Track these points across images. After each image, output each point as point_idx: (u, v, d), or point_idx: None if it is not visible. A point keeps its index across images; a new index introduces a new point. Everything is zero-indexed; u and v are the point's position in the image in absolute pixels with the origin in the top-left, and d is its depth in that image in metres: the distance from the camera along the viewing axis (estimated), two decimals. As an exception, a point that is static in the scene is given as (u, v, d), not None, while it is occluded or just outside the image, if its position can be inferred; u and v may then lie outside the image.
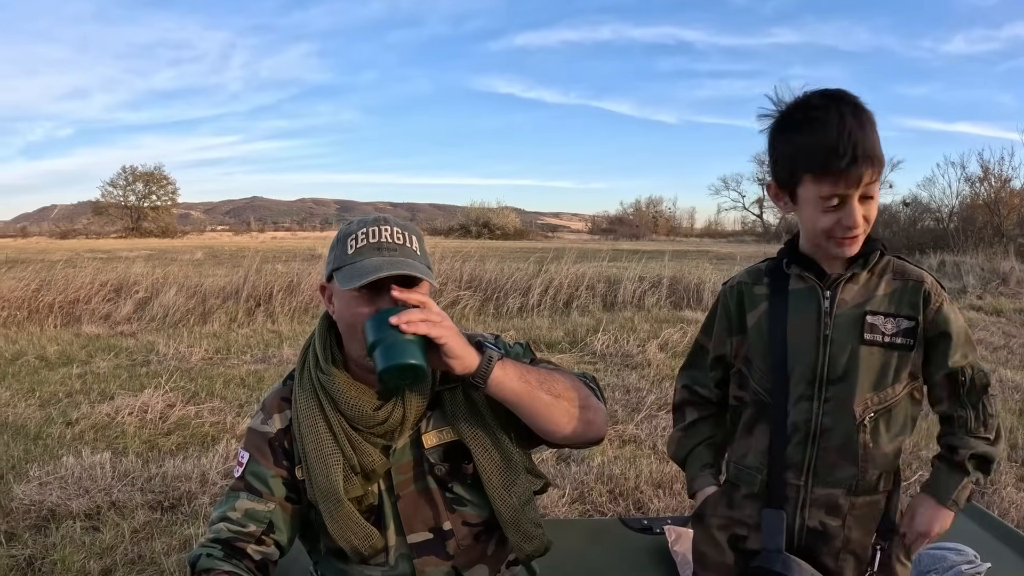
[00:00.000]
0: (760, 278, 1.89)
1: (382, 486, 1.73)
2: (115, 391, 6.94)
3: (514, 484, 1.70)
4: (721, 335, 1.93)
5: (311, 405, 1.68)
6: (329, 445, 1.65)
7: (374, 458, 1.67)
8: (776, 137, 1.77)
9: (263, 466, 1.73)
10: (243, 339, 9.94)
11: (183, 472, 4.68)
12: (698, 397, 2.01)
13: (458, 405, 1.71)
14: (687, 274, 13.54)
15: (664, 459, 4.84)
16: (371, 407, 1.66)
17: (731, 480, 1.92)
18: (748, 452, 1.87)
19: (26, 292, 12.16)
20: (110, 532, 3.90)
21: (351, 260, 1.59)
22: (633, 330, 9.68)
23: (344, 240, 1.64)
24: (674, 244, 41.18)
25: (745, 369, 1.88)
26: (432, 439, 1.72)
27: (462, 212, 69.17)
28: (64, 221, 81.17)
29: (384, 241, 1.61)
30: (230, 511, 1.69)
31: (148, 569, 3.55)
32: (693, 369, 2.05)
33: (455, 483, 1.74)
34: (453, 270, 13.38)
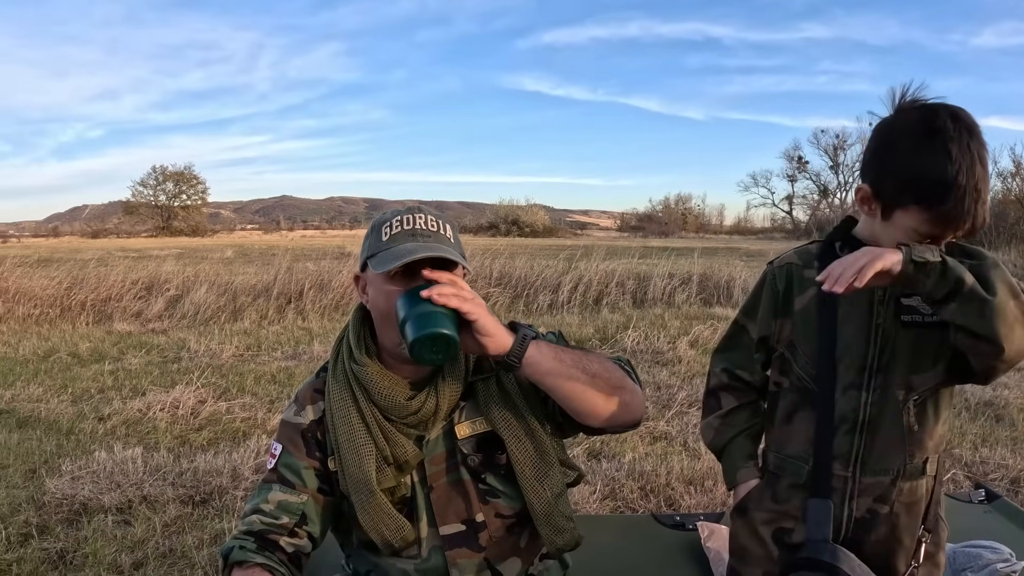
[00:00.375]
0: (811, 261, 1.81)
1: (415, 477, 1.72)
2: (147, 387, 6.98)
3: (547, 476, 1.69)
4: (766, 317, 1.86)
5: (344, 396, 1.68)
6: (362, 435, 1.65)
7: (407, 449, 1.66)
8: (892, 142, 1.64)
9: (296, 457, 1.73)
10: (274, 336, 9.98)
11: (214, 467, 4.70)
12: (738, 382, 1.94)
13: (491, 395, 1.70)
14: (717, 271, 13.48)
15: (695, 456, 4.81)
16: (404, 397, 1.65)
17: (773, 471, 1.87)
18: (789, 441, 1.82)
19: (58, 290, 12.28)
20: (141, 526, 3.91)
21: (385, 246, 1.60)
22: (663, 327, 9.62)
23: (379, 228, 1.64)
24: (703, 241, 40.96)
25: (788, 354, 1.82)
26: (465, 429, 1.71)
27: (491, 210, 69.23)
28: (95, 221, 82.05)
29: (419, 228, 1.61)
30: (263, 503, 1.69)
31: (179, 563, 3.56)
32: (731, 351, 1.97)
33: (488, 474, 1.73)
34: (483, 267, 13.37)
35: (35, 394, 6.85)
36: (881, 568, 1.74)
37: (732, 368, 1.94)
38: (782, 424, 1.84)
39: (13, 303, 11.97)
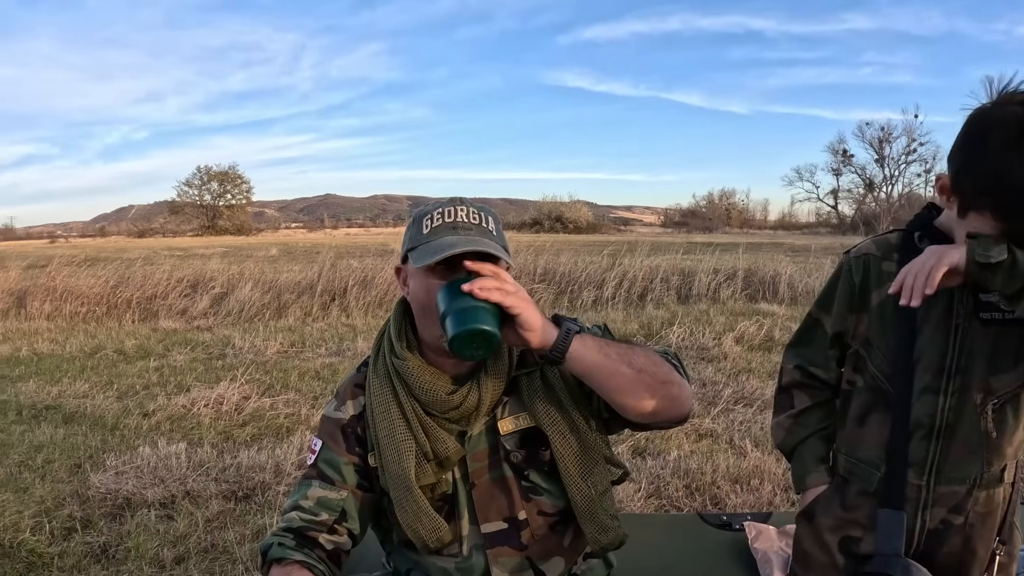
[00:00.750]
0: (890, 252, 1.69)
1: (456, 474, 1.67)
2: (191, 383, 7.02)
3: (591, 473, 1.63)
4: (842, 311, 1.76)
5: (385, 391, 1.64)
6: (402, 431, 1.60)
7: (448, 445, 1.61)
8: (981, 137, 1.49)
9: (336, 453, 1.69)
10: (318, 333, 10.01)
11: (257, 463, 4.70)
12: (812, 379, 1.84)
13: (535, 390, 1.63)
14: (762, 266, 13.32)
15: (741, 454, 4.74)
16: (445, 391, 1.60)
17: (842, 475, 1.78)
18: (861, 444, 1.73)
19: (105, 289, 12.44)
20: (184, 521, 3.92)
21: (426, 239, 1.55)
22: (708, 323, 9.53)
23: (419, 221, 1.59)
24: (748, 237, 40.72)
25: (863, 351, 1.72)
26: (508, 425, 1.65)
27: (534, 206, 69.25)
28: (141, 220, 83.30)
29: (460, 221, 1.55)
30: (302, 500, 1.65)
31: (221, 558, 3.55)
32: (805, 347, 1.87)
33: (531, 471, 1.67)
34: (527, 263, 13.36)
35: (81, 390, 6.92)
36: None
37: (806, 365, 1.85)
38: (854, 425, 1.75)
39: (61, 301, 12.16)
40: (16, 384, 7.24)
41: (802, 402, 1.86)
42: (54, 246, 40.87)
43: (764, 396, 5.99)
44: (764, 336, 8.63)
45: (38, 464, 4.89)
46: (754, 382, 6.48)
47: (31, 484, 4.52)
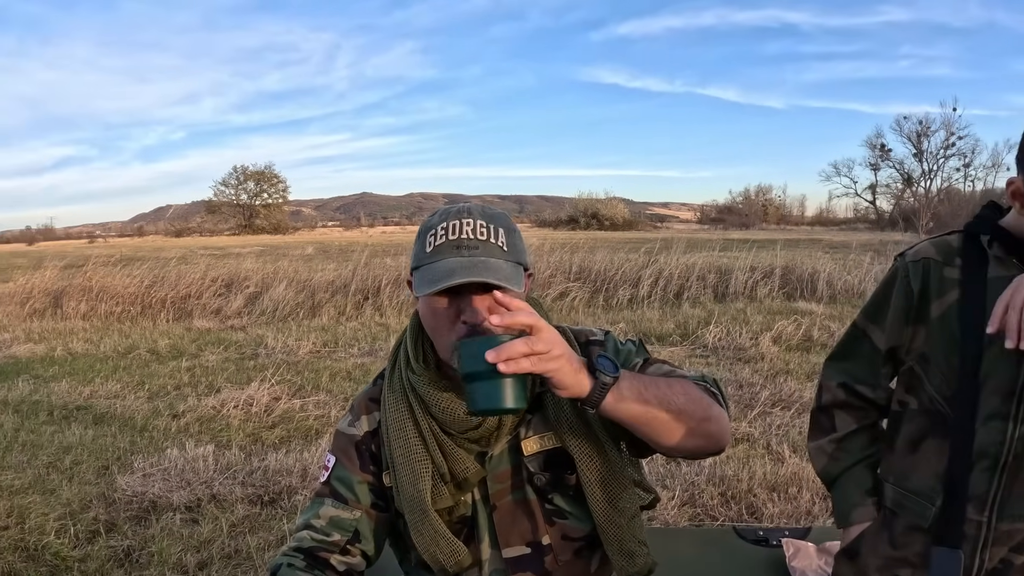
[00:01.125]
0: (951, 257, 1.52)
1: (476, 495, 1.56)
2: (222, 384, 7.02)
3: (619, 498, 1.51)
4: (897, 323, 1.58)
5: (400, 407, 1.54)
6: (418, 451, 1.51)
7: (468, 465, 1.52)
8: None
9: (349, 471, 1.60)
10: (351, 332, 9.98)
11: (285, 466, 4.66)
12: (858, 399, 1.66)
13: (562, 409, 1.51)
14: (800, 264, 13.11)
15: (779, 460, 4.61)
16: (464, 410, 1.47)
17: (890, 507, 1.61)
18: (912, 473, 1.56)
19: (140, 288, 12.50)
20: (208, 525, 3.88)
21: (428, 260, 1.42)
22: (746, 322, 9.38)
23: (424, 235, 1.46)
24: (785, 233, 40.23)
25: (919, 368, 1.56)
26: (532, 445, 1.53)
27: (570, 203, 69.02)
28: (179, 220, 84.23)
29: (464, 238, 1.42)
30: (313, 518, 1.57)
31: (243, 564, 3.51)
32: (850, 361, 1.68)
33: (556, 494, 1.56)
34: (562, 261, 13.26)
35: (113, 390, 6.94)
36: None
37: (851, 382, 1.66)
38: (905, 452, 1.58)
39: (96, 301, 12.26)
40: (49, 384, 7.27)
41: (846, 424, 1.68)
42: (92, 246, 41.32)
43: (803, 399, 5.85)
44: (802, 336, 8.48)
45: (66, 466, 4.88)
46: (792, 384, 6.34)
47: (58, 486, 4.51)
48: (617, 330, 9.05)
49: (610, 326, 9.45)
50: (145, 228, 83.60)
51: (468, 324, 1.39)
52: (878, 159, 66.58)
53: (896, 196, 65.55)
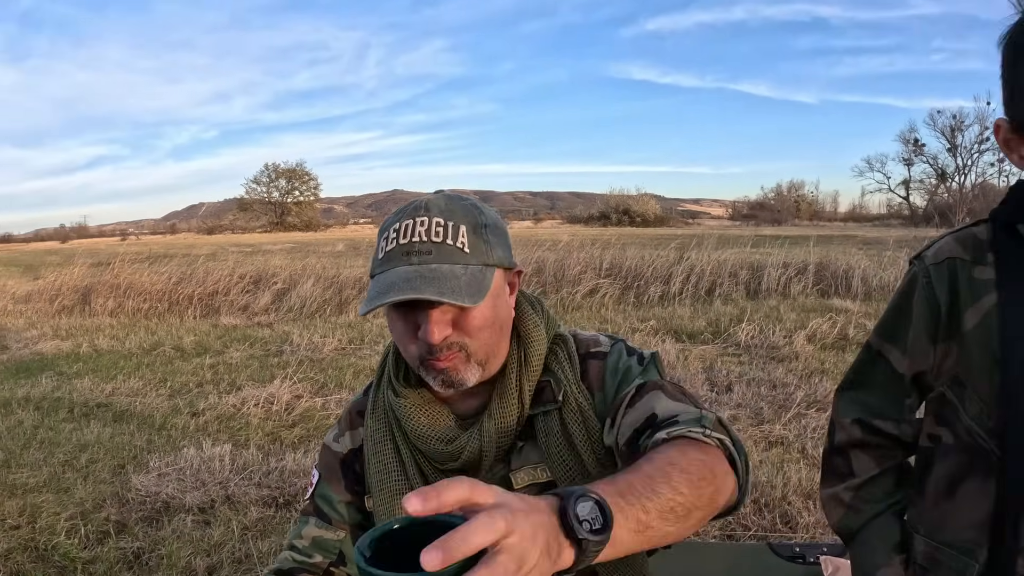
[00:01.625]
0: (982, 254, 1.22)
1: None
2: (244, 382, 6.95)
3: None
4: (921, 342, 1.28)
5: (381, 429, 1.39)
6: (396, 481, 1.36)
7: None
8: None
9: (332, 489, 1.46)
10: (377, 329, 9.88)
11: (302, 467, 4.56)
12: (878, 436, 1.36)
13: (552, 438, 1.32)
14: (834, 260, 12.87)
15: (814, 465, 4.40)
16: (441, 439, 1.32)
17: (921, 564, 1.32)
18: (948, 523, 1.27)
19: (167, 285, 12.50)
20: (220, 528, 3.78)
21: (379, 268, 1.25)
22: (779, 320, 9.20)
23: (380, 238, 1.30)
24: (818, 229, 39.82)
25: (952, 395, 1.25)
26: (523, 478, 1.34)
27: (602, 200, 68.88)
28: (211, 218, 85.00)
29: (416, 242, 1.23)
30: (296, 539, 1.44)
31: (253, 569, 3.40)
32: (866, 390, 1.38)
33: None
34: (592, 258, 13.10)
35: (134, 388, 6.89)
36: None
37: (868, 416, 1.36)
38: (939, 497, 1.29)
39: (124, 298, 12.30)
40: (72, 381, 7.24)
41: (865, 468, 1.38)
42: (124, 243, 41.67)
43: (838, 398, 5.65)
44: (838, 334, 8.27)
45: (82, 464, 4.82)
46: (828, 384, 6.13)
47: (72, 484, 4.44)
48: (647, 327, 8.91)
49: (640, 323, 9.31)
50: (178, 226, 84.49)
51: (425, 343, 1.22)
52: (911, 154, 65.98)
53: (930, 192, 64.90)
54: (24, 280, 16.84)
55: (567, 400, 1.32)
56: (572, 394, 1.32)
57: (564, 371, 1.34)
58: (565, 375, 1.34)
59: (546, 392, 1.34)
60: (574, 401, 1.32)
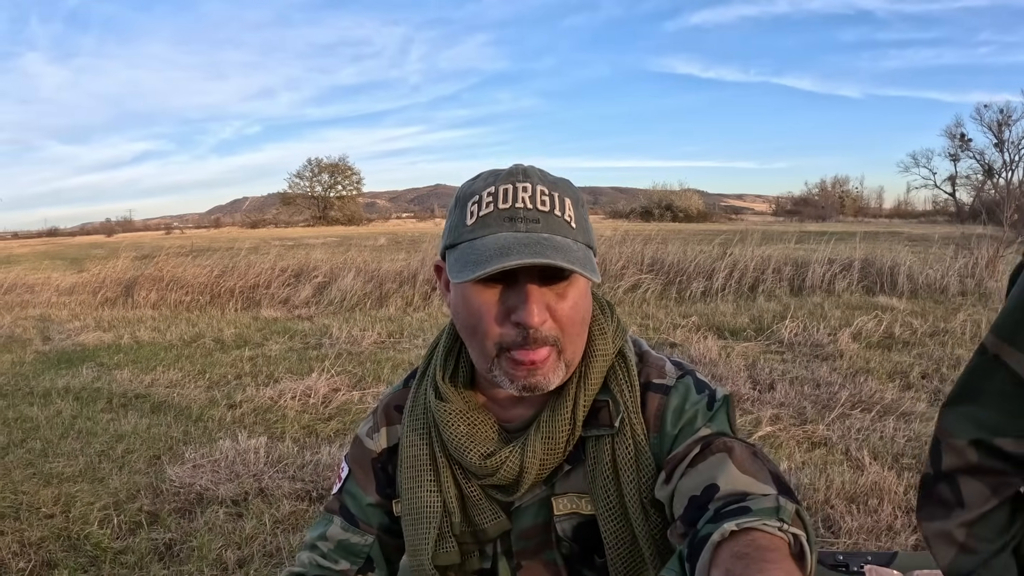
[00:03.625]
0: None
1: (499, 548, 1.29)
2: (282, 374, 6.94)
3: None
4: None
5: (418, 434, 1.28)
6: (429, 490, 1.25)
7: (487, 515, 1.25)
8: None
9: (362, 489, 1.36)
10: (417, 323, 9.88)
11: (337, 460, 4.51)
12: (997, 460, 1.12)
13: (601, 469, 1.19)
14: (880, 256, 12.63)
15: (858, 467, 4.28)
16: (479, 453, 1.21)
17: None
18: None
19: (209, 278, 12.61)
20: (252, 521, 3.75)
21: (470, 235, 1.09)
22: (823, 317, 9.01)
23: (464, 204, 1.13)
24: (863, 225, 39.22)
25: None
26: (565, 505, 1.25)
27: (644, 195, 68.48)
28: (255, 212, 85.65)
29: (520, 207, 1.08)
30: (320, 540, 1.34)
31: (283, 564, 3.34)
32: (983, 405, 1.14)
33: (584, 568, 1.28)
34: (635, 253, 12.99)
35: (173, 379, 6.91)
36: None
37: (988, 436, 1.12)
38: None
39: (166, 290, 12.41)
40: (111, 372, 7.28)
41: (979, 499, 1.15)
42: (169, 237, 42.07)
43: (884, 400, 5.52)
44: (883, 332, 8.09)
45: (118, 454, 4.82)
46: (872, 384, 5.99)
47: (108, 475, 4.45)
48: (689, 323, 8.79)
49: (682, 319, 9.19)
50: (222, 220, 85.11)
51: (520, 327, 1.08)
52: (957, 149, 64.83)
53: (976, 188, 63.73)
54: (69, 273, 17.03)
55: (623, 428, 1.19)
56: (630, 423, 1.19)
57: (624, 395, 1.21)
58: (624, 399, 1.20)
59: (602, 414, 1.21)
60: (630, 431, 1.19)
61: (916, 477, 4.08)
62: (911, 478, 4.07)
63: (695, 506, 1.03)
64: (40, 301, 13.25)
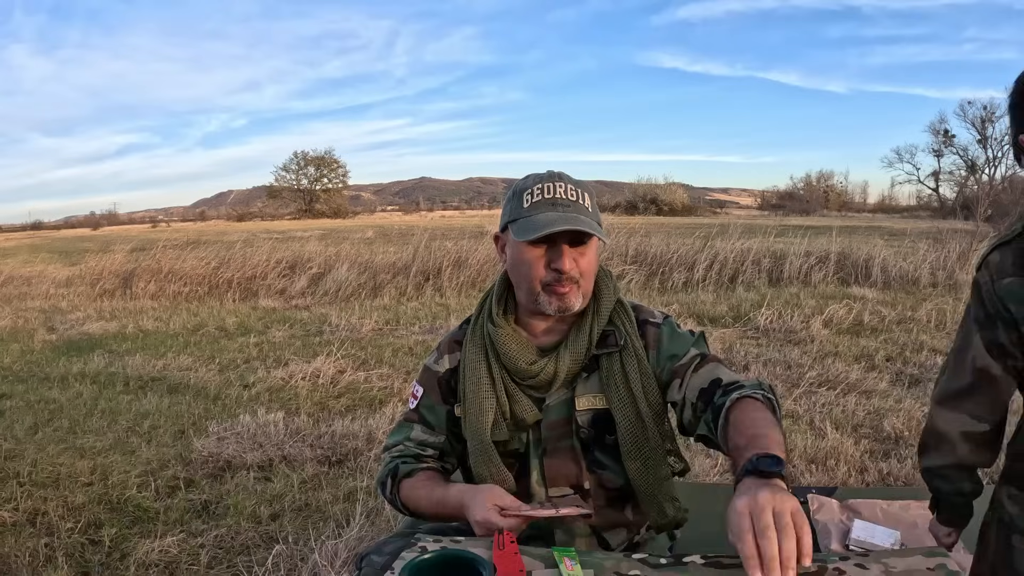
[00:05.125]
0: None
1: (531, 437, 1.81)
2: (289, 358, 7.31)
3: (652, 463, 1.75)
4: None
5: (478, 352, 1.80)
6: (487, 390, 1.77)
7: (526, 408, 1.77)
8: None
9: (434, 401, 1.88)
10: (412, 311, 10.29)
11: (351, 431, 4.93)
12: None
13: (614, 374, 1.75)
14: (855, 249, 13.09)
15: (821, 435, 4.74)
16: (527, 361, 1.75)
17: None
18: None
19: (207, 270, 12.93)
20: (280, 482, 4.15)
21: (527, 214, 1.67)
22: (798, 306, 9.43)
23: (520, 195, 1.71)
24: (845, 220, 39.69)
25: None
26: (584, 403, 1.78)
27: (629, 188, 68.36)
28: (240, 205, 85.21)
29: (559, 197, 1.68)
30: (406, 440, 1.88)
31: (313, 516, 3.76)
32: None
33: (597, 449, 1.80)
34: (619, 245, 13.43)
35: (185, 363, 7.27)
36: None
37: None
38: None
39: (164, 282, 12.69)
40: (123, 358, 7.62)
41: None
42: (156, 230, 42.08)
43: (849, 379, 5.97)
44: (853, 320, 8.54)
45: (144, 430, 5.19)
46: (840, 365, 6.43)
47: (138, 447, 4.81)
48: (670, 311, 9.19)
49: (663, 308, 9.58)
50: (207, 213, 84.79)
51: (555, 270, 1.66)
52: (941, 145, 64.99)
53: (959, 183, 64.06)
54: (62, 266, 17.22)
55: (627, 347, 1.75)
56: (631, 344, 1.75)
57: (625, 326, 1.78)
58: (626, 328, 1.77)
59: (610, 338, 1.77)
60: (632, 349, 1.75)
61: (871, 444, 4.58)
62: (867, 444, 4.55)
63: (707, 392, 1.63)
64: (38, 293, 13.54)
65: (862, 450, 4.45)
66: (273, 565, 3.17)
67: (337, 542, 3.27)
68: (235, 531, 3.60)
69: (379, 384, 6.27)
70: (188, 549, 3.40)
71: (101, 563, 3.33)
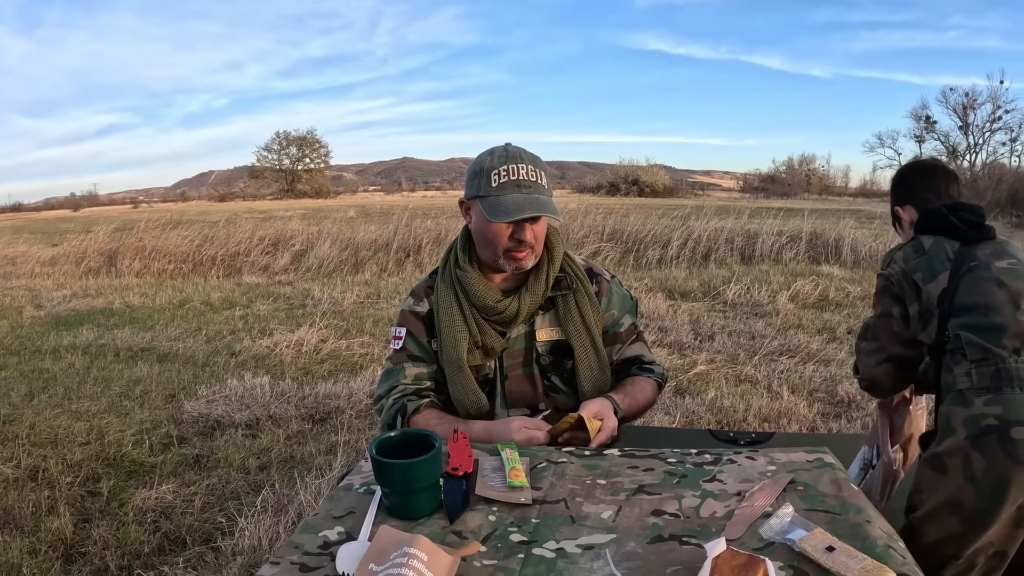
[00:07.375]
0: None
1: (497, 365, 2.11)
2: (274, 328, 7.57)
3: (599, 383, 2.11)
4: None
5: (449, 293, 2.09)
6: (460, 324, 2.06)
7: (493, 338, 2.07)
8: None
9: (419, 337, 2.14)
10: (392, 286, 10.54)
11: (333, 392, 5.22)
12: None
13: (570, 311, 2.10)
14: (827, 230, 13.34)
15: (776, 397, 5.02)
16: (494, 299, 2.05)
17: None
18: None
19: (191, 247, 13.13)
20: (267, 438, 4.44)
21: (495, 193, 1.94)
22: (767, 282, 9.67)
23: (488, 174, 1.96)
24: (825, 203, 39.95)
25: None
26: (544, 335, 2.11)
27: (611, 170, 68.31)
28: (222, 185, 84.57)
29: (522, 179, 1.94)
30: (402, 379, 2.12)
31: (299, 467, 4.04)
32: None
33: (554, 375, 2.13)
34: (596, 224, 13.72)
35: (173, 335, 7.53)
36: None
37: None
38: None
39: (149, 260, 12.86)
40: (112, 331, 7.83)
41: None
42: (137, 211, 41.98)
43: (809, 349, 6.26)
44: (819, 295, 8.83)
45: (137, 394, 5.44)
46: (802, 336, 6.73)
47: (131, 410, 5.07)
48: (642, 286, 9.47)
49: (636, 283, 9.85)
50: (188, 193, 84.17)
51: (517, 240, 1.96)
52: (923, 131, 65.35)
53: (940, 169, 64.00)
54: (44, 246, 17.20)
55: (579, 290, 2.11)
56: (583, 287, 2.11)
57: (576, 272, 2.13)
58: (577, 274, 2.13)
59: (563, 282, 2.12)
60: (585, 291, 2.11)
61: (824, 407, 4.87)
62: (820, 407, 4.85)
63: (629, 362, 2.22)
64: (23, 272, 13.58)
65: (815, 412, 4.75)
66: (262, 507, 3.44)
67: (320, 481, 3.57)
68: (226, 480, 3.88)
69: (360, 351, 6.56)
70: (183, 496, 3.68)
71: (101, 510, 3.59)
